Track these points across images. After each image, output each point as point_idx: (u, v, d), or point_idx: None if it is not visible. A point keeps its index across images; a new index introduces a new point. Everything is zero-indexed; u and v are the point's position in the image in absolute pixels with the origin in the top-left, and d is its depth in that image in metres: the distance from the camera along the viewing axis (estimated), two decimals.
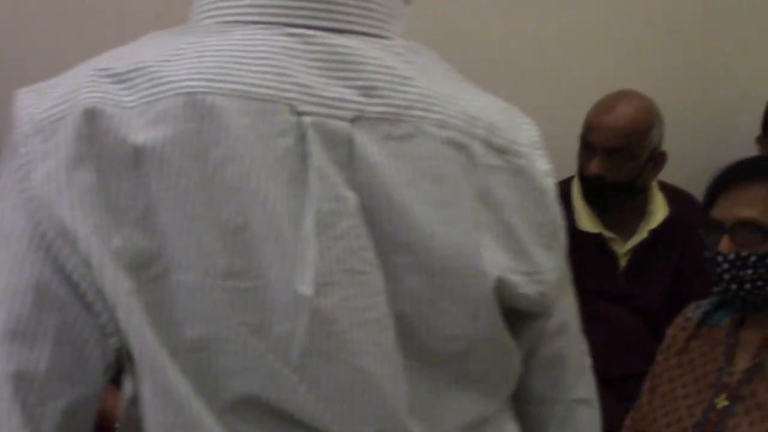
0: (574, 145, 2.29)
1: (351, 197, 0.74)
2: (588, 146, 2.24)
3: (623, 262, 2.29)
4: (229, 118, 0.71)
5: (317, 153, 0.73)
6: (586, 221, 2.29)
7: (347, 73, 0.76)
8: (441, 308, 0.78)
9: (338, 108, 0.75)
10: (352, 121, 0.75)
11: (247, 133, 0.71)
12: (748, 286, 1.53)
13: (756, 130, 2.53)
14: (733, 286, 1.55)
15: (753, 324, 1.62)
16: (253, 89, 0.72)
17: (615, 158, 2.20)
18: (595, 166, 2.21)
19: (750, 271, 1.52)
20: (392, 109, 0.76)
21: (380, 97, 0.76)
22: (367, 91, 0.76)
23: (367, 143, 0.75)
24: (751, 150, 2.53)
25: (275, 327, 0.72)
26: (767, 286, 1.53)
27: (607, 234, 2.28)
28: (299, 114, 0.73)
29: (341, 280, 0.73)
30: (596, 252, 2.29)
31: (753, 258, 1.52)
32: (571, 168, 2.33)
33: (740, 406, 1.56)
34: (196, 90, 0.71)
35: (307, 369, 0.73)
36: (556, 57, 2.58)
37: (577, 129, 2.26)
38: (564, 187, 2.37)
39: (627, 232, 2.30)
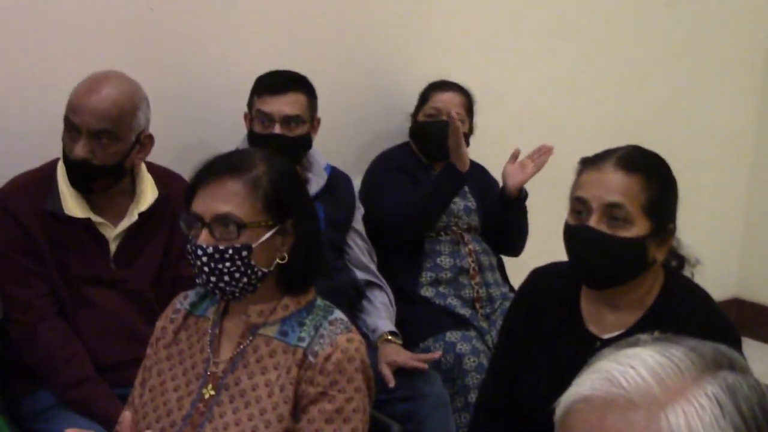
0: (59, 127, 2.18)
1: None
2: (73, 128, 2.15)
3: (114, 246, 2.25)
4: None
5: None
6: (74, 206, 2.20)
7: None
8: None
9: None
10: None
11: None
12: (226, 278, 1.58)
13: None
14: (213, 278, 1.59)
15: (235, 313, 1.68)
16: None
17: (101, 141, 2.15)
18: (80, 149, 2.13)
19: (228, 264, 1.57)
20: None
21: None
22: None
23: None
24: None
25: None
26: (244, 277, 1.59)
27: (96, 218, 2.22)
28: None
29: None
30: (86, 237, 2.22)
31: (230, 251, 1.58)
32: (56, 149, 2.21)
33: (225, 395, 1.62)
34: None
35: None
36: None
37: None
38: (48, 170, 2.25)
39: (117, 216, 2.26)
